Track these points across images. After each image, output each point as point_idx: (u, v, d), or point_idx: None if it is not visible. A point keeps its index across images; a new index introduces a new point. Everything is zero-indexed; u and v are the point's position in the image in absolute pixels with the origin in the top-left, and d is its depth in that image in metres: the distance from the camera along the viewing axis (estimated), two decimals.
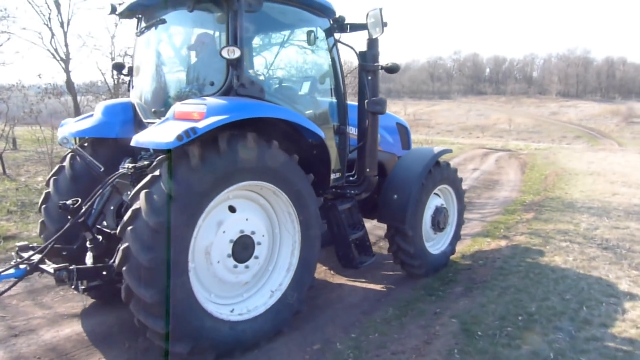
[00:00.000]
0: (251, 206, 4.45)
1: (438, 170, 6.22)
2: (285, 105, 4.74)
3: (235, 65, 4.27)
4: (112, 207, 4.71)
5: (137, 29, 5.22)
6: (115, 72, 5.80)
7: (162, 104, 4.85)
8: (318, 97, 5.52)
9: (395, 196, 5.80)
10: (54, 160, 12.68)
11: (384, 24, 5.12)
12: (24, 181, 11.99)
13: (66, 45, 17.96)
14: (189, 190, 3.75)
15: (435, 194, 6.37)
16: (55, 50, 17.66)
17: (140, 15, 5.14)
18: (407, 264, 6.03)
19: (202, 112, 3.89)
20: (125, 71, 5.52)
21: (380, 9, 5.08)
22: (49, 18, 17.28)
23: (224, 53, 4.16)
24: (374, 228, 7.67)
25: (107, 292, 4.59)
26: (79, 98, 21.30)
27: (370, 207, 6.12)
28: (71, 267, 3.92)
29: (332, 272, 6.43)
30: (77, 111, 20.50)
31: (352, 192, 5.61)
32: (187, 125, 3.72)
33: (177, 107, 4.09)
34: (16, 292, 5.38)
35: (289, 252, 4.63)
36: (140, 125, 4.89)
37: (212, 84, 4.48)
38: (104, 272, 4.03)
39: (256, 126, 4.18)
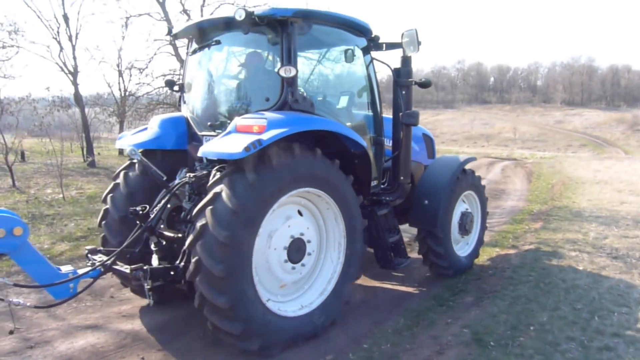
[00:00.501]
0: (302, 211, 4.80)
1: (464, 178, 6.60)
2: (330, 118, 5.03)
3: (290, 82, 4.65)
4: (173, 213, 5.07)
5: (188, 48, 5.66)
6: (167, 88, 6.17)
7: (217, 118, 5.25)
8: (357, 111, 5.90)
9: (427, 201, 6.17)
10: (63, 172, 12.79)
11: (419, 43, 5.54)
12: (34, 193, 12.10)
13: (74, 58, 18.23)
14: (251, 202, 4.08)
15: (461, 199, 6.70)
16: (64, 63, 17.91)
17: (191, 36, 5.53)
18: (436, 265, 6.37)
19: (262, 126, 4.22)
20: (175, 87, 5.91)
21: (416, 30, 5.53)
22: (58, 32, 17.57)
23: (282, 72, 4.59)
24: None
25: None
26: (86, 110, 21.52)
27: (400, 213, 6.39)
28: (145, 267, 4.28)
29: None
30: (85, 123, 20.70)
31: (387, 198, 5.94)
32: (252, 137, 4.07)
33: (238, 121, 4.41)
34: (30, 304, 5.44)
35: (336, 251, 4.99)
36: (194, 138, 5.33)
37: (267, 99, 4.81)
38: (172, 272, 4.39)
39: (305, 137, 4.46)
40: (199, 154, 4.39)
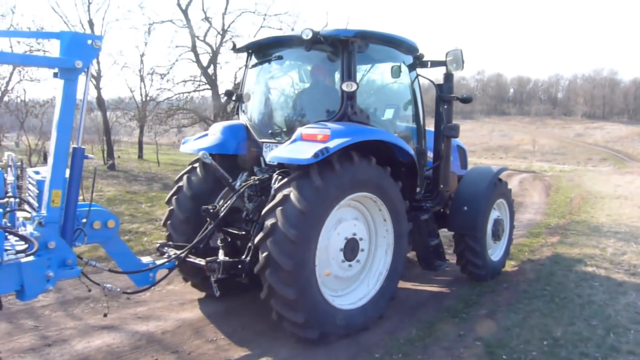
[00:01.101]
0: (354, 214, 5.17)
1: (498, 186, 7.03)
2: (381, 129, 5.42)
3: (350, 96, 5.09)
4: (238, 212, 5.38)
5: (247, 61, 6.09)
6: (225, 98, 6.75)
7: (278, 127, 5.76)
8: (402, 123, 6.26)
9: (466, 208, 6.55)
10: (83, 175, 12.99)
11: (463, 62, 5.96)
12: None
13: (98, 62, 18.57)
14: (316, 204, 4.49)
15: (494, 207, 7.05)
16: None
17: (253, 51, 6.01)
18: (472, 268, 6.73)
19: (327, 135, 4.63)
20: (234, 97, 6.28)
21: (461, 50, 5.95)
22: None
23: (344, 86, 5.05)
24: None
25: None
26: (108, 114, 21.90)
27: (437, 218, 6.65)
28: (219, 260, 4.74)
29: None
30: (106, 126, 21.06)
31: (428, 205, 6.27)
32: (319, 145, 4.48)
33: (304, 130, 4.83)
34: (48, 302, 5.57)
35: (384, 251, 5.36)
36: (254, 144, 5.76)
37: (327, 111, 5.26)
38: (239, 266, 4.78)
39: (360, 146, 4.82)
40: (268, 159, 4.95)
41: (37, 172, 4.36)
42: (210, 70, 19.12)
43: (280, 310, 4.55)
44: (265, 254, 4.44)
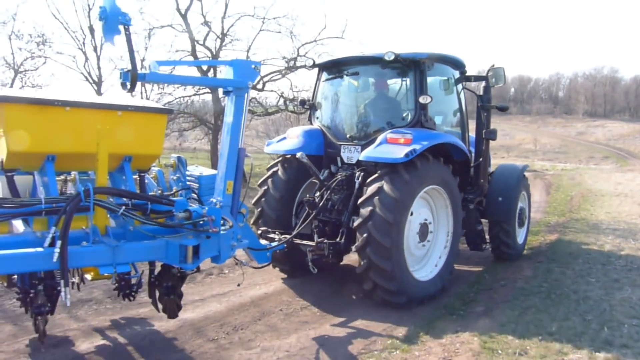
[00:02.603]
0: (424, 203, 6.17)
1: (523, 181, 8.09)
2: (445, 134, 6.51)
3: (424, 107, 6.16)
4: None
5: (320, 75, 7.12)
6: (300, 105, 8.31)
7: (356, 131, 6.75)
8: (452, 128, 7.20)
9: (500, 199, 7.51)
10: None
11: (505, 79, 7.08)
12: None
13: (99, 68, 18.66)
14: (405, 194, 5.55)
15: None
16: (89, 73, 18.36)
17: (331, 67, 7.05)
18: (504, 249, 7.72)
19: (409, 139, 5.63)
20: (307, 105, 7.31)
21: (503, 68, 7.04)
22: (84, 43, 18.04)
23: (421, 99, 6.11)
24: None
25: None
26: None
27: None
28: (325, 241, 5.82)
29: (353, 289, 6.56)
30: None
31: (471, 196, 7.20)
32: (406, 147, 5.53)
33: (388, 134, 5.82)
34: None
35: (445, 234, 6.37)
36: (330, 146, 6.76)
37: (403, 119, 6.39)
38: (337, 247, 5.86)
39: (429, 147, 5.76)
40: (361, 157, 5.92)
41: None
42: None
43: (378, 281, 5.55)
44: (365, 235, 5.47)
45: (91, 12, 17.95)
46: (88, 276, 4.82)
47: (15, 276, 4.18)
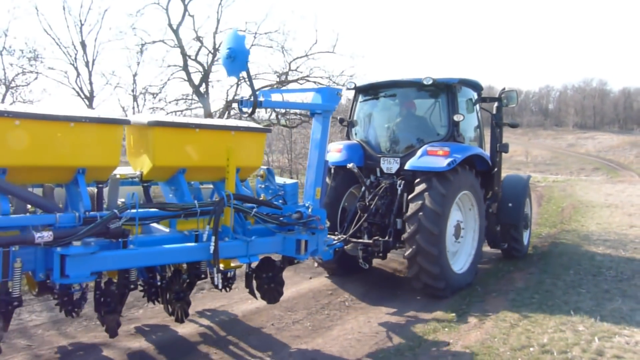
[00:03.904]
0: (456, 207, 6.92)
1: (528, 189, 9.00)
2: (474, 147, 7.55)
3: (457, 124, 7.13)
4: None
5: (357, 96, 8.01)
6: (339, 123, 8.40)
7: (395, 145, 7.67)
8: (473, 142, 8.02)
9: (510, 204, 8.42)
10: None
11: (518, 101, 8.24)
12: None
13: (90, 83, 18.65)
14: (446, 198, 6.45)
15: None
16: (80, 88, 18.34)
17: (369, 89, 7.96)
18: (515, 249, 8.67)
19: (446, 151, 6.56)
20: (345, 123, 8.13)
21: (516, 91, 8.17)
22: (75, 58, 18.05)
23: (455, 117, 7.08)
24: None
25: None
26: None
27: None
28: (379, 239, 6.77)
29: (346, 303, 6.55)
30: None
31: (489, 202, 8.05)
32: (447, 158, 6.47)
33: (428, 147, 6.74)
34: (42, 321, 5.61)
35: (472, 234, 7.33)
36: (369, 158, 7.59)
37: (437, 134, 7.35)
38: (385, 245, 6.79)
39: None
40: (407, 167, 6.79)
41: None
42: (202, 89, 19.28)
43: (423, 264, 6.40)
44: (415, 224, 6.38)
45: (83, 27, 17.99)
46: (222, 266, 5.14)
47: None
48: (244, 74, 4.77)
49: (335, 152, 7.44)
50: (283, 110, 18.74)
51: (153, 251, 4.21)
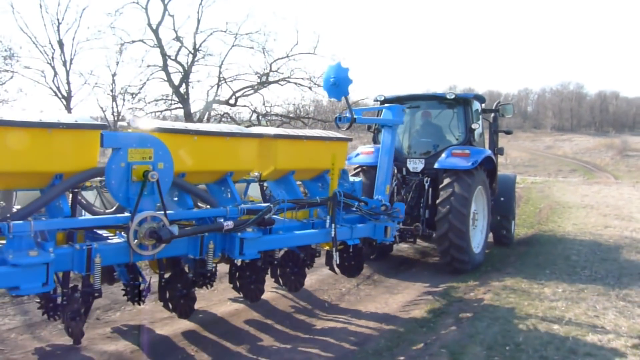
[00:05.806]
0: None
1: (514, 186, 10.53)
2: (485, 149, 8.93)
3: (473, 131, 8.56)
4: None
5: (384, 105, 8.41)
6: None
7: (419, 148, 9.02)
8: (479, 146, 9.03)
9: (502, 199, 9.87)
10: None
11: (514, 111, 9.92)
12: None
13: (68, 83, 18.42)
14: (470, 192, 7.76)
15: None
16: (57, 88, 18.08)
17: (391, 100, 8.78)
18: (505, 237, 10.07)
19: (467, 153, 7.94)
20: (372, 130, 9.48)
21: (512, 104, 10.04)
22: (52, 57, 17.81)
23: (473, 126, 8.53)
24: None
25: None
26: None
27: None
28: (418, 225, 8.10)
29: (326, 304, 6.55)
30: None
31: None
32: (469, 158, 7.82)
33: (452, 149, 8.10)
34: (15, 325, 5.50)
35: (481, 222, 8.64)
36: (396, 159, 7.94)
37: (457, 139, 8.75)
38: (420, 231, 8.12)
39: None
40: (436, 165, 8.07)
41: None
42: (182, 89, 19.15)
43: (455, 254, 7.75)
44: (447, 224, 7.63)
45: (60, 26, 17.74)
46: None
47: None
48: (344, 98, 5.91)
49: (367, 154, 8.53)
50: (264, 112, 18.72)
51: (293, 236, 5.37)
